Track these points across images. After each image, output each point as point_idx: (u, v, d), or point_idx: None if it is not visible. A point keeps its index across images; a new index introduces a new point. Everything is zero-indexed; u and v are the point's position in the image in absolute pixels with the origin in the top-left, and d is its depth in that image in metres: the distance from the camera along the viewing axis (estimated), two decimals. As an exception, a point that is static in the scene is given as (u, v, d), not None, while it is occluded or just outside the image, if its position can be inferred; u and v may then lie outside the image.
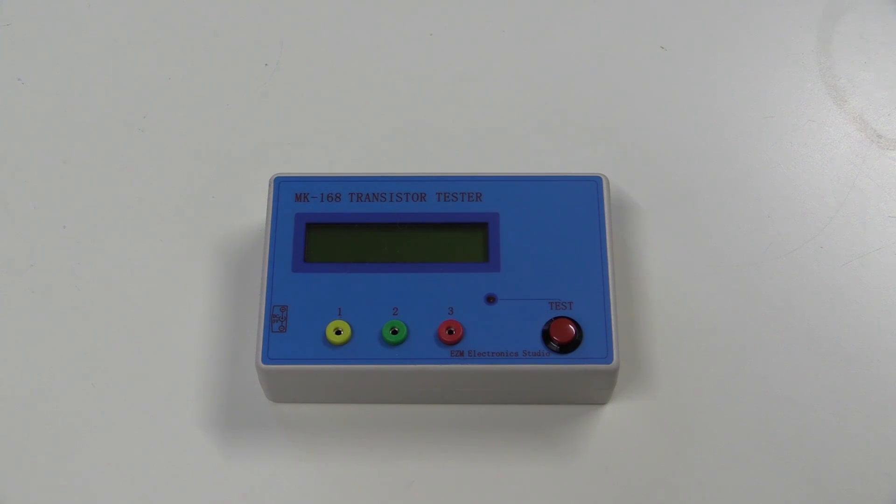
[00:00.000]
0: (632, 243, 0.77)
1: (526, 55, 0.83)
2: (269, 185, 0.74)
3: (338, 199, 0.73)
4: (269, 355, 0.69)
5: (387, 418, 0.72)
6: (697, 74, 0.83)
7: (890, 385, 0.73)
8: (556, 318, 0.70)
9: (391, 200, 0.73)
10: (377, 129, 0.81)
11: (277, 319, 0.70)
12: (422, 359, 0.69)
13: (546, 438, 0.71)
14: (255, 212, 0.77)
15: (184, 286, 0.75)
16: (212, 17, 0.85)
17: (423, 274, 0.71)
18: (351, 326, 0.70)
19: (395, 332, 0.70)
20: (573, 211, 0.73)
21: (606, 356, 0.69)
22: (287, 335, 0.70)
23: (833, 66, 0.83)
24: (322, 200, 0.73)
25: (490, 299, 0.71)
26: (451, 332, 0.70)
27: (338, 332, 0.70)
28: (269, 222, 0.73)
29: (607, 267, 0.71)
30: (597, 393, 0.71)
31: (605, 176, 0.74)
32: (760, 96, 0.82)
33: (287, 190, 0.74)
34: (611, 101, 0.82)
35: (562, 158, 0.80)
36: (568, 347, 0.69)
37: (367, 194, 0.74)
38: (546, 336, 0.70)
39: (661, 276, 0.75)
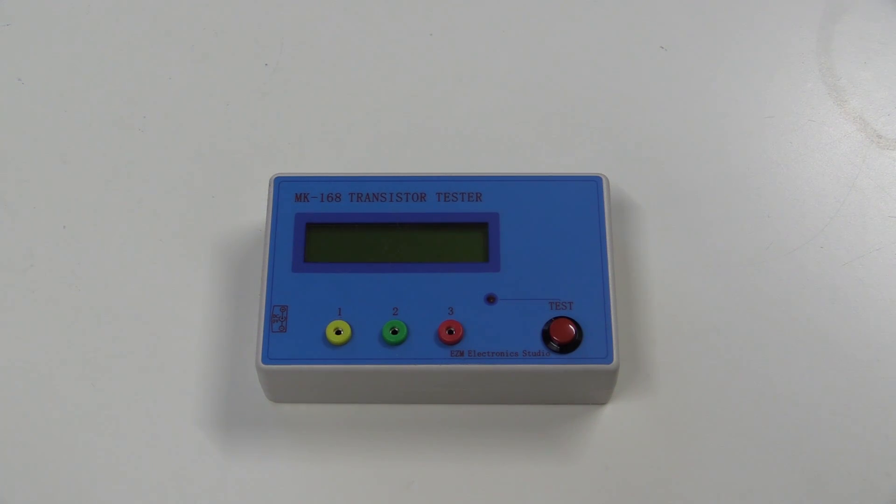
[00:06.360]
0: (632, 243, 0.77)
1: (526, 55, 0.83)
2: (269, 185, 0.74)
3: (338, 199, 0.73)
4: (269, 355, 0.69)
5: (387, 418, 0.72)
6: (697, 74, 0.83)
7: (890, 385, 0.73)
8: (556, 318, 0.70)
9: (391, 200, 0.73)
10: (377, 129, 0.81)
11: (277, 319, 0.70)
12: (422, 359, 0.69)
13: (546, 438, 0.71)
14: (255, 212, 0.77)
15: (184, 286, 0.75)
16: (212, 17, 0.85)
17: (423, 274, 0.71)
18: (351, 326, 0.70)
19: (395, 332, 0.70)
20: (573, 211, 0.73)
21: (606, 356, 0.69)
22: (287, 335, 0.70)
23: (833, 66, 0.83)
24: (322, 200, 0.73)
25: (490, 299, 0.71)
26: (451, 332, 0.70)
27: (338, 332, 0.70)
28: (269, 222, 0.73)
29: (607, 267, 0.71)
30: (597, 393, 0.71)
31: (605, 176, 0.74)
32: (760, 96, 0.82)
33: (287, 190, 0.74)
34: (611, 101, 0.82)
35: (562, 158, 0.80)
36: (568, 347, 0.69)
37: (367, 194, 0.74)
38: (546, 336, 0.70)
39: (661, 276, 0.76)
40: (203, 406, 0.72)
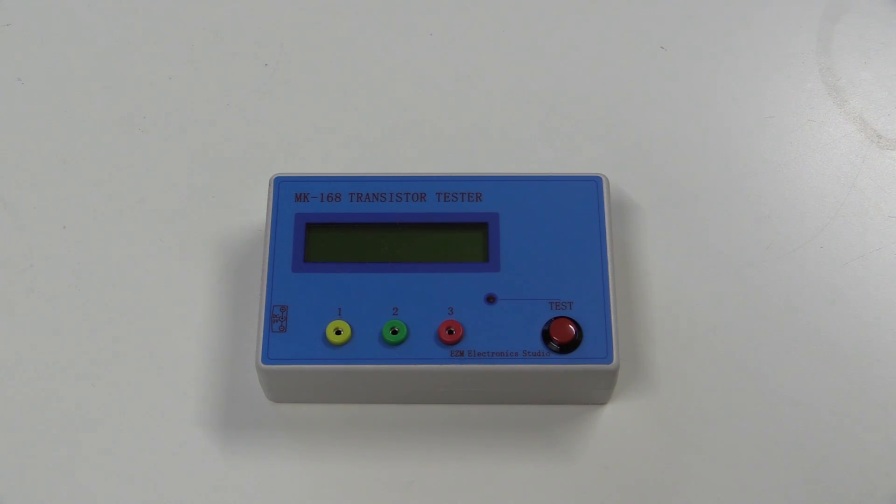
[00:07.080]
0: (632, 243, 0.77)
1: (526, 55, 0.83)
2: (269, 185, 0.74)
3: (338, 199, 0.73)
4: (269, 355, 0.69)
5: (387, 418, 0.72)
6: (697, 74, 0.83)
7: (890, 385, 0.73)
8: (556, 318, 0.70)
9: (391, 200, 0.73)
10: (377, 129, 0.81)
11: (277, 319, 0.70)
12: (422, 359, 0.69)
13: (546, 438, 0.71)
14: (255, 212, 0.77)
15: (184, 286, 0.75)
16: (212, 17, 0.85)
17: (423, 274, 0.71)
18: (351, 326, 0.70)
19: (395, 332, 0.70)
20: (573, 211, 0.73)
21: (606, 356, 0.69)
22: (287, 335, 0.70)
23: (833, 66, 0.83)
24: (322, 200, 0.73)
25: (490, 299, 0.71)
26: (451, 332, 0.70)
27: (338, 332, 0.70)
28: (269, 222, 0.73)
29: (607, 267, 0.71)
30: (597, 393, 0.71)
31: (605, 176, 0.74)
32: (760, 96, 0.82)
33: (287, 190, 0.74)
34: (611, 101, 0.82)
35: (562, 158, 0.80)
36: (568, 347, 0.69)
37: (367, 194, 0.74)
38: (546, 336, 0.70)
39: (661, 276, 0.76)
40: (203, 406, 0.72)
